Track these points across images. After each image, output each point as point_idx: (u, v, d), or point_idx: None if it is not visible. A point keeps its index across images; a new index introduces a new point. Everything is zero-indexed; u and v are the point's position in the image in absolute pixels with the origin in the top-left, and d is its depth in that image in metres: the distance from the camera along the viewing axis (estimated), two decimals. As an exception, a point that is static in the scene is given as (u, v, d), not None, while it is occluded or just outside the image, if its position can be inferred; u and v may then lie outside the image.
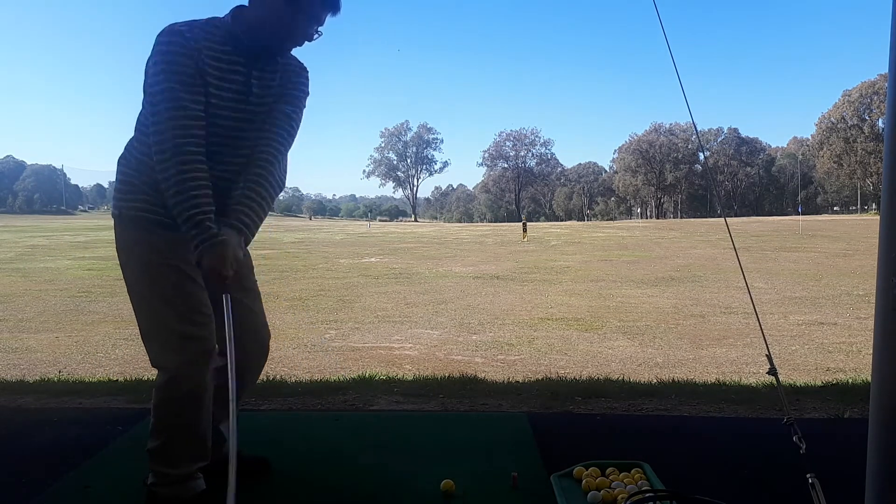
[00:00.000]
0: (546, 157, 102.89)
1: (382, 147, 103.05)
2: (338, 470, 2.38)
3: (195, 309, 1.99)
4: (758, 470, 2.38)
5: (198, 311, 1.99)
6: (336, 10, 1.99)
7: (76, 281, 12.90)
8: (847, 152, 75.16)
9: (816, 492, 1.61)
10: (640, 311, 9.15)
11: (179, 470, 2.00)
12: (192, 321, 1.97)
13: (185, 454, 2.00)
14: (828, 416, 3.08)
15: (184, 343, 1.95)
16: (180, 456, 2.00)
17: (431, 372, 4.65)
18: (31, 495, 2.17)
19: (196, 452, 2.03)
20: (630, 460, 2.24)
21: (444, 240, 27.97)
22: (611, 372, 4.93)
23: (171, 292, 1.97)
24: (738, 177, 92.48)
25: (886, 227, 1.51)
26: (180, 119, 1.86)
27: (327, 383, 3.81)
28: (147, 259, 1.98)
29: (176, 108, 1.86)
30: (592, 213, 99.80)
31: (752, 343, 6.83)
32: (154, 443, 2.00)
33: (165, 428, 1.99)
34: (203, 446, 2.05)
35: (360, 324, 8.20)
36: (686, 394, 3.49)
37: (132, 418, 2.95)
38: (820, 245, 21.60)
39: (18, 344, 6.92)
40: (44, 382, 3.90)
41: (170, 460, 1.99)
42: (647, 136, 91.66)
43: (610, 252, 20.14)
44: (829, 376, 5.04)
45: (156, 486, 2.00)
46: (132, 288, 2.04)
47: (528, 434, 2.73)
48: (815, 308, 9.36)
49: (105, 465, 2.44)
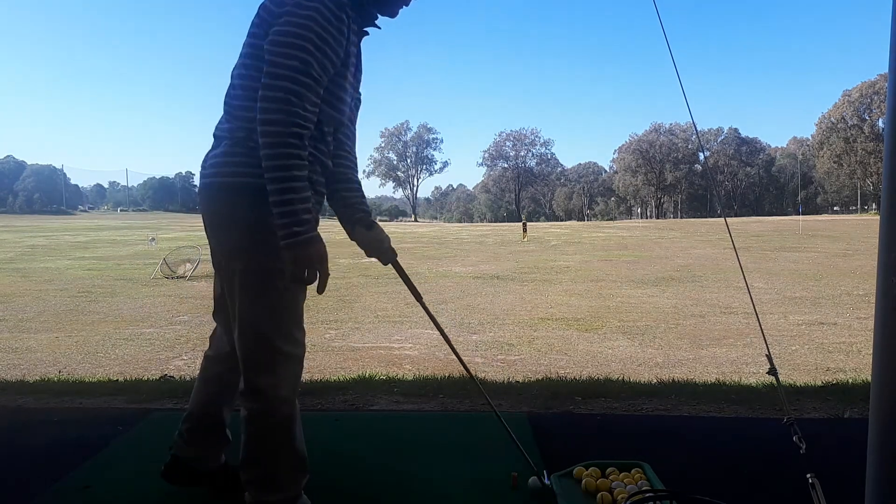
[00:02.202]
0: (546, 157, 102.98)
1: (382, 147, 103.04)
2: (338, 470, 2.38)
3: (299, 323, 1.79)
4: (758, 470, 2.38)
5: (300, 326, 1.80)
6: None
7: (76, 281, 12.90)
8: (847, 152, 75.16)
9: (816, 492, 1.61)
10: (640, 311, 9.15)
11: (284, 493, 1.81)
12: (294, 338, 1.78)
13: (290, 476, 1.83)
14: (828, 416, 3.08)
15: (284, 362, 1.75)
16: (286, 480, 1.81)
17: (431, 372, 4.65)
18: (31, 495, 2.17)
19: (299, 471, 1.85)
20: (630, 460, 2.24)
21: (444, 240, 27.96)
22: (611, 372, 4.93)
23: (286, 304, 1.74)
24: (738, 177, 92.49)
25: (886, 227, 1.51)
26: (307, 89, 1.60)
27: (327, 383, 3.81)
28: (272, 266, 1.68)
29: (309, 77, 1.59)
30: (592, 213, 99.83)
31: (752, 343, 6.83)
32: (252, 473, 1.80)
33: (267, 457, 1.79)
34: (304, 461, 1.86)
35: (360, 324, 8.21)
36: (686, 394, 3.48)
37: (132, 418, 2.95)
38: (820, 245, 21.60)
39: (18, 344, 6.92)
40: (44, 382, 3.90)
41: (274, 486, 1.80)
42: (647, 136, 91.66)
43: (610, 252, 20.14)
44: (829, 376, 5.04)
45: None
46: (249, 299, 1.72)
47: (528, 434, 2.73)
48: (815, 308, 9.36)
49: (105, 465, 2.44)
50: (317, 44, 1.59)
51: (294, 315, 1.78)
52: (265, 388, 1.74)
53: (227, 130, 1.75)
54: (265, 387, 1.74)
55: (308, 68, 1.59)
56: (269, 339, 1.73)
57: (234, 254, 1.74)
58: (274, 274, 1.68)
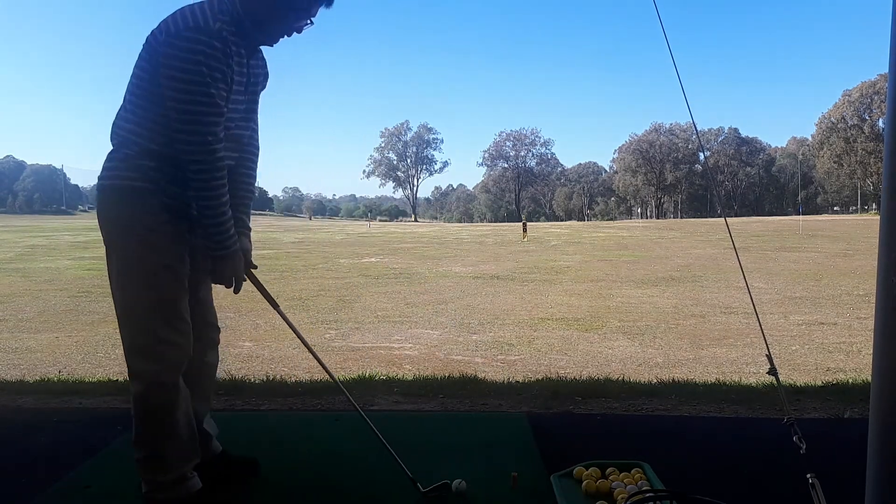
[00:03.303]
0: (546, 157, 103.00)
1: (382, 147, 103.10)
2: (338, 470, 2.38)
3: (180, 315, 1.94)
4: (758, 470, 2.38)
5: (182, 318, 1.94)
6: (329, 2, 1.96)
7: (76, 281, 12.89)
8: (847, 152, 75.16)
9: (816, 492, 1.61)
10: (640, 311, 9.15)
11: (171, 474, 1.95)
12: (176, 328, 1.92)
13: (175, 458, 1.96)
14: (828, 416, 3.08)
15: (165, 350, 1.90)
16: (171, 461, 1.95)
17: (431, 372, 4.65)
18: (31, 495, 2.17)
19: (185, 453, 1.99)
20: (630, 460, 2.24)
21: (444, 240, 27.96)
22: (611, 372, 4.93)
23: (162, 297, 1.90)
24: (738, 177, 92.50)
25: (886, 227, 1.51)
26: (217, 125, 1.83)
27: (327, 383, 3.80)
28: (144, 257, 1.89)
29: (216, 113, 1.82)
30: (592, 213, 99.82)
31: (752, 343, 6.83)
32: (141, 453, 1.95)
33: (151, 437, 1.94)
34: (191, 446, 2.00)
35: (360, 324, 8.20)
36: (686, 394, 3.48)
37: (132, 418, 2.95)
38: (820, 245, 21.60)
39: (18, 344, 6.92)
40: (44, 382, 3.90)
41: (161, 467, 1.95)
42: (647, 136, 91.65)
43: (610, 252, 20.14)
44: (829, 376, 5.04)
45: (151, 493, 1.97)
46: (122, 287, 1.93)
47: (528, 434, 2.73)
48: (815, 308, 9.36)
49: (105, 465, 2.44)
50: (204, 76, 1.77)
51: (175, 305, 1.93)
52: (143, 373, 1.90)
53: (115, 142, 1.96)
54: (144, 371, 1.90)
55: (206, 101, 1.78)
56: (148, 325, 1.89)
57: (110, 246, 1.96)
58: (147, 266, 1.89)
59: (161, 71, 1.79)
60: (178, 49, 1.76)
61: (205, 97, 1.78)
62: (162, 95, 1.81)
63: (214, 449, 2.23)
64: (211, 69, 1.77)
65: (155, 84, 1.81)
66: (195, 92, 1.77)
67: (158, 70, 1.80)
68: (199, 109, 1.78)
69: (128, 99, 1.92)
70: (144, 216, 1.87)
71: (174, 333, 1.91)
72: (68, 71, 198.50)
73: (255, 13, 1.89)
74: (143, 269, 1.89)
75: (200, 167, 1.82)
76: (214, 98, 1.80)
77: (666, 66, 2.91)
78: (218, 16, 1.83)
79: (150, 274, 1.89)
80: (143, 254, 1.89)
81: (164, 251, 1.90)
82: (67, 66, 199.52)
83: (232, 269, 1.97)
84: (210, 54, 1.77)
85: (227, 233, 1.91)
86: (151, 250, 1.88)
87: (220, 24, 1.82)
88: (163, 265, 1.90)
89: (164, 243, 1.90)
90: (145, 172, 1.87)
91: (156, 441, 1.93)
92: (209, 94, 1.78)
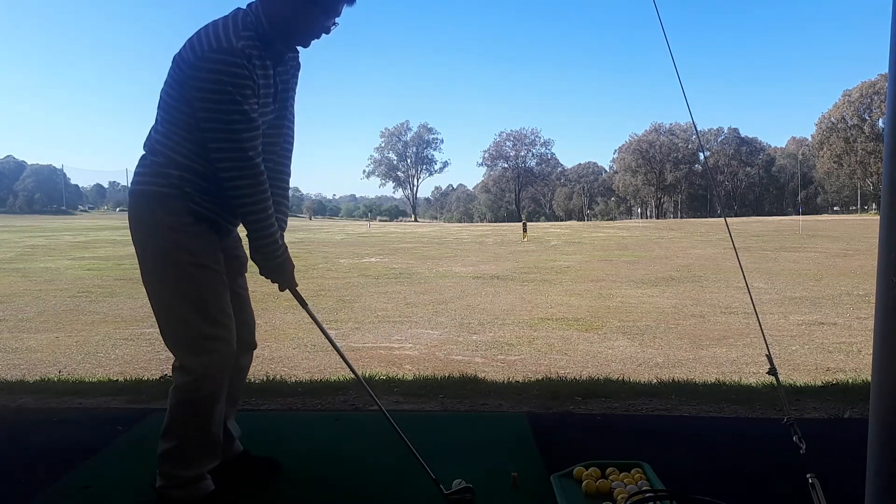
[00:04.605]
0: (546, 157, 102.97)
1: (382, 147, 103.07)
2: (338, 470, 2.39)
3: (221, 309, 1.99)
4: (758, 470, 2.38)
5: (223, 311, 1.99)
6: (351, 0, 1.98)
7: (76, 281, 12.89)
8: (847, 152, 75.13)
9: (816, 492, 1.61)
10: (640, 311, 9.15)
11: (192, 471, 1.98)
12: (218, 320, 1.97)
13: (199, 455, 1.99)
14: (828, 416, 3.08)
15: (211, 345, 1.95)
16: (194, 457, 1.98)
17: (431, 372, 4.65)
18: (31, 495, 2.17)
19: (210, 453, 2.02)
20: (630, 460, 2.24)
21: (444, 240, 27.97)
22: (611, 372, 4.93)
23: (200, 293, 1.96)
24: (738, 177, 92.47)
25: (886, 227, 1.51)
26: (255, 139, 1.89)
27: (327, 383, 3.81)
28: (175, 257, 1.94)
29: (252, 128, 1.88)
30: (592, 213, 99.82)
31: (752, 343, 6.83)
32: (168, 444, 1.97)
33: (183, 429, 1.97)
34: (216, 446, 2.04)
35: (360, 324, 8.20)
36: (686, 394, 3.49)
37: (132, 418, 2.96)
38: (820, 245, 21.60)
39: (18, 344, 6.91)
40: (44, 382, 3.90)
41: (184, 462, 1.97)
42: (647, 136, 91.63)
43: (610, 252, 20.14)
44: (829, 376, 5.04)
45: (166, 489, 1.98)
46: (155, 285, 1.99)
47: (528, 434, 2.73)
48: (815, 308, 9.36)
49: (105, 465, 2.44)
50: (233, 95, 1.81)
51: (216, 300, 1.98)
52: (192, 366, 1.94)
53: (147, 149, 2.02)
54: (193, 364, 1.94)
55: (240, 119, 1.84)
56: (189, 321, 1.95)
57: (141, 247, 2.01)
58: (180, 265, 1.94)
59: (192, 93, 1.85)
60: (205, 71, 1.82)
61: (239, 115, 1.83)
62: (187, 114, 1.88)
63: (236, 449, 2.27)
64: (238, 87, 1.82)
65: (182, 102, 1.89)
66: (229, 111, 1.83)
67: (185, 91, 1.87)
68: (236, 128, 1.84)
69: (159, 113, 1.99)
70: (170, 217, 1.94)
71: (217, 327, 1.96)
72: (68, 71, 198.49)
73: (280, 24, 1.92)
74: (176, 269, 1.95)
75: (245, 182, 1.88)
76: (248, 114, 1.85)
77: (666, 66, 2.91)
78: (241, 33, 1.86)
79: (182, 272, 1.94)
80: (174, 254, 1.95)
81: (194, 250, 1.96)
82: (67, 66, 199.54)
83: (282, 278, 2.08)
84: (236, 73, 1.81)
85: (275, 244, 1.99)
86: (181, 250, 1.94)
87: (244, 43, 1.85)
88: (194, 263, 1.95)
89: (193, 244, 1.96)
90: (170, 180, 1.93)
91: (186, 433, 1.96)
92: (243, 112, 1.84)
